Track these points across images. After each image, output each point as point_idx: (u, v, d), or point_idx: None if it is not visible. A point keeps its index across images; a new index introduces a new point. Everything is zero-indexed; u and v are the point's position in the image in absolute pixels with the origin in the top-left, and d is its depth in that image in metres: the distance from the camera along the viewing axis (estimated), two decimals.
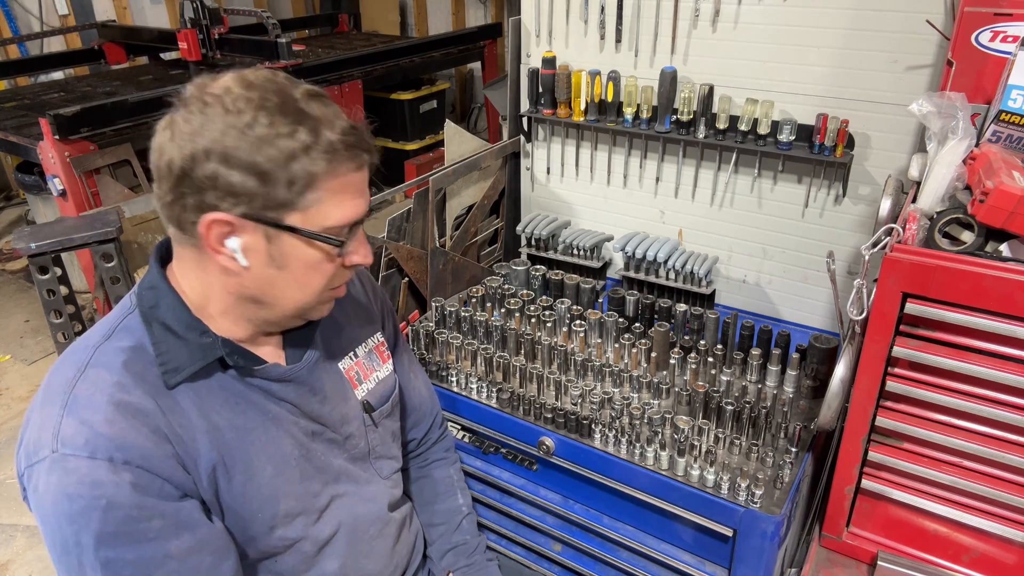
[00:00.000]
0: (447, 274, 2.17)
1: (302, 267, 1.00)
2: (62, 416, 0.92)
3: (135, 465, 0.91)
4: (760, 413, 1.53)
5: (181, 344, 1.01)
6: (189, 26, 4.19)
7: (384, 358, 1.37)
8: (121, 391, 0.94)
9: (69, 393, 0.94)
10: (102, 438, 0.90)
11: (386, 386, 1.36)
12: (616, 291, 1.97)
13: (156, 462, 0.93)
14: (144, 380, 0.97)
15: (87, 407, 0.92)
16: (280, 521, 1.10)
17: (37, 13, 5.62)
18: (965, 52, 1.37)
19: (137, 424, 0.93)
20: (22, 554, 2.58)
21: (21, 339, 3.93)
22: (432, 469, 1.54)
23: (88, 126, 3.16)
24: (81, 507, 0.88)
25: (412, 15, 6.84)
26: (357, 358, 1.30)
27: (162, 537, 0.93)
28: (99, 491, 0.88)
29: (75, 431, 0.90)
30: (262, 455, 1.08)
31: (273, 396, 1.11)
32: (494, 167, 2.37)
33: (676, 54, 1.99)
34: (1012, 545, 1.28)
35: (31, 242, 2.53)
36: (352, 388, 1.27)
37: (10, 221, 5.50)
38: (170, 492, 0.95)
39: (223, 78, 0.96)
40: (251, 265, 0.98)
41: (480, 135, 3.63)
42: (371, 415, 1.29)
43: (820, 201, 1.92)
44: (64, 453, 0.89)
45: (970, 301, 1.12)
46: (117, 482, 0.89)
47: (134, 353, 0.99)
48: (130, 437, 0.92)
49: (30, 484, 0.93)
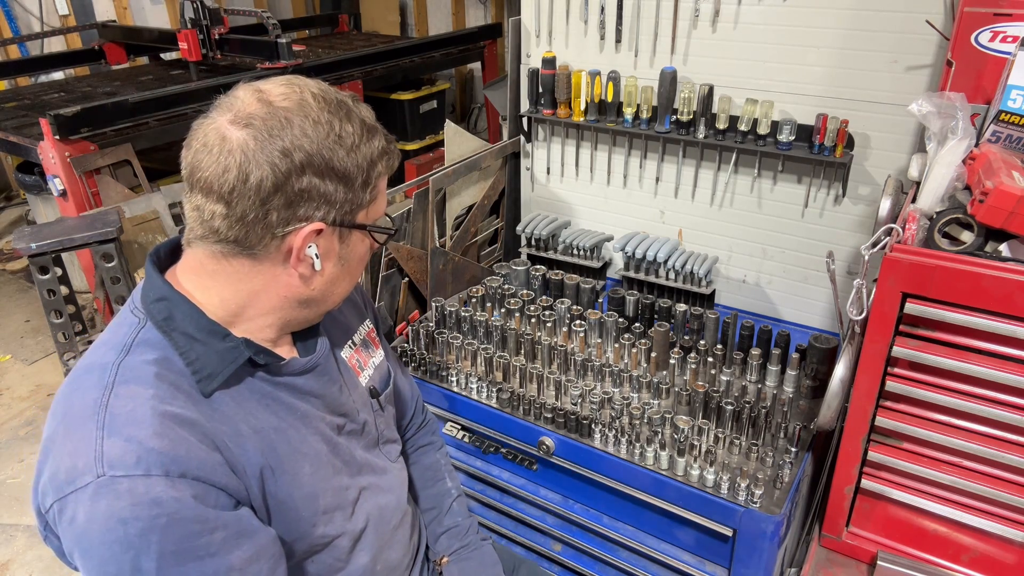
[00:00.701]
0: (447, 274, 2.17)
1: (357, 261, 1.08)
2: (102, 438, 0.85)
3: (192, 477, 0.87)
4: (760, 413, 1.53)
5: (208, 350, 0.97)
6: (189, 26, 4.19)
7: (376, 344, 1.39)
8: (163, 402, 0.90)
9: (104, 413, 0.87)
10: (154, 453, 0.85)
11: (383, 371, 1.37)
12: (616, 291, 1.97)
13: (211, 472, 0.90)
14: (179, 390, 0.93)
15: (130, 423, 0.87)
16: (321, 518, 1.10)
17: (37, 13, 5.62)
18: (965, 52, 1.38)
19: (186, 434, 0.89)
20: (22, 554, 2.58)
21: (21, 339, 3.93)
22: (420, 455, 1.55)
23: (88, 126, 3.15)
24: (139, 530, 0.83)
25: (412, 15, 6.84)
26: (355, 346, 1.31)
27: (225, 549, 0.89)
28: (159, 509, 0.83)
29: (123, 450, 0.84)
30: (298, 454, 1.07)
31: (299, 392, 1.10)
32: (494, 167, 2.37)
33: (676, 54, 1.99)
34: (1012, 545, 1.28)
35: (31, 242, 2.53)
36: (356, 376, 1.28)
37: (10, 221, 5.50)
38: (226, 502, 0.92)
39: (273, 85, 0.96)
40: (323, 268, 1.01)
41: (480, 135, 3.63)
42: (378, 399, 1.30)
43: (820, 201, 1.92)
44: (113, 475, 0.83)
45: (970, 301, 1.12)
46: (177, 497, 0.85)
47: (162, 366, 0.94)
48: (182, 448, 0.87)
49: (62, 517, 0.85)
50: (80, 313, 2.82)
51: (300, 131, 0.91)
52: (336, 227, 0.99)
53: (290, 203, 0.92)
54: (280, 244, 0.95)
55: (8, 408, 3.37)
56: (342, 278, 1.08)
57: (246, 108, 0.91)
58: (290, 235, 0.94)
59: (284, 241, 0.95)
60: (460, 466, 1.86)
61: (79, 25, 5.53)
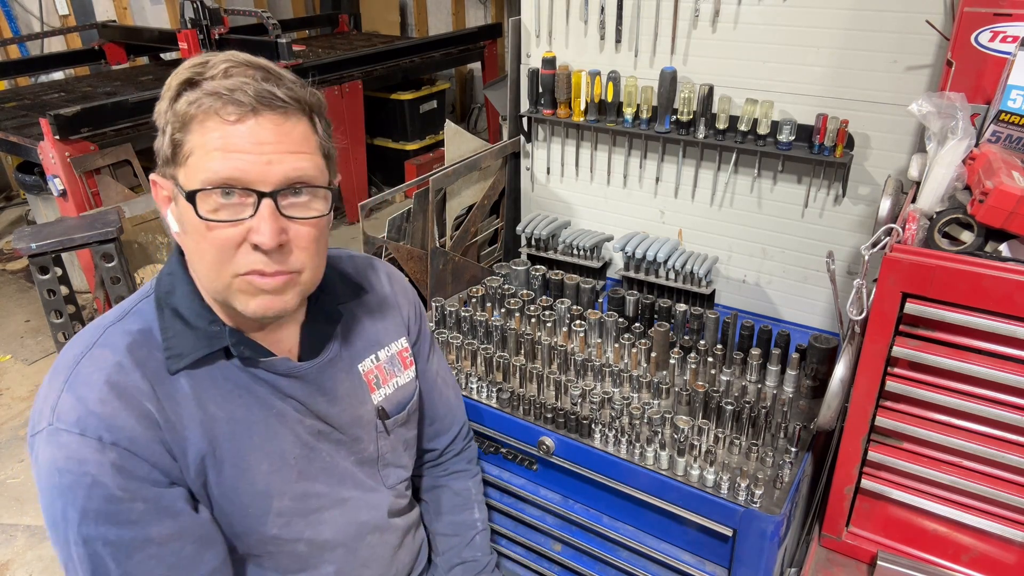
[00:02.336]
0: (447, 274, 2.17)
1: (193, 232, 0.95)
2: (62, 391, 0.94)
3: (122, 447, 0.92)
4: (760, 413, 1.53)
5: (188, 331, 1.01)
6: (189, 26, 4.19)
7: (406, 364, 1.32)
8: (119, 372, 0.95)
9: (73, 369, 0.95)
10: (93, 416, 0.91)
11: (405, 393, 1.31)
12: (616, 291, 1.97)
13: (143, 445, 0.94)
14: (145, 364, 0.98)
15: (85, 385, 0.94)
16: (273, 520, 1.09)
17: (37, 13, 5.62)
18: (965, 52, 1.38)
19: (129, 406, 0.94)
20: (22, 554, 2.58)
21: (21, 339, 3.94)
22: (451, 480, 1.50)
23: (88, 126, 3.16)
24: (69, 482, 0.90)
25: (412, 15, 6.84)
26: (378, 361, 1.26)
27: (144, 521, 0.94)
28: (85, 468, 0.90)
29: (70, 407, 0.92)
30: (259, 451, 1.07)
31: (280, 391, 1.09)
32: (494, 167, 2.37)
33: (676, 54, 1.99)
34: (1012, 545, 1.28)
35: (31, 242, 2.53)
36: (369, 391, 1.24)
37: (10, 221, 5.50)
38: (156, 478, 0.96)
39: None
40: (178, 232, 1.00)
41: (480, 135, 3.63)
42: (384, 422, 1.26)
43: (820, 201, 1.92)
44: (59, 427, 0.91)
45: (970, 301, 1.12)
46: (102, 461, 0.91)
47: (141, 336, 1.00)
48: (120, 418, 0.93)
49: (32, 453, 0.95)
50: (80, 313, 2.83)
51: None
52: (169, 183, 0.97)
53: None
54: None
55: (8, 408, 3.37)
56: (192, 251, 0.99)
57: None
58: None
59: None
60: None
61: (79, 25, 5.54)
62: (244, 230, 0.93)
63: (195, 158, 0.92)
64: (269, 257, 0.95)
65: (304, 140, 0.97)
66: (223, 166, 0.90)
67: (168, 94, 0.94)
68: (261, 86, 0.91)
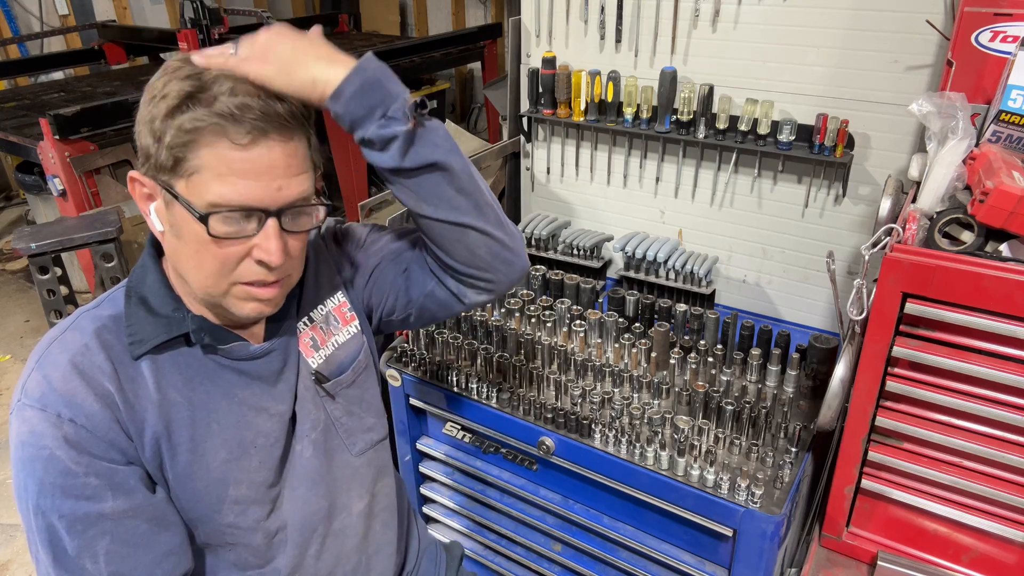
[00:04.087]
0: None
1: (193, 242, 0.97)
2: (32, 370, 0.99)
3: (79, 424, 0.95)
4: (760, 413, 1.53)
5: (150, 318, 1.04)
6: (189, 26, 4.19)
7: (345, 320, 1.24)
8: (83, 354, 0.99)
9: (45, 350, 1.00)
10: (54, 393, 0.96)
11: (347, 351, 1.23)
12: (616, 291, 1.97)
13: (99, 423, 0.97)
14: (110, 348, 1.01)
15: (50, 364, 0.98)
16: (230, 507, 1.09)
17: (37, 13, 5.62)
18: (965, 52, 1.37)
19: (86, 386, 0.97)
20: (22, 554, 2.58)
21: (21, 339, 3.93)
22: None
23: (88, 126, 3.16)
24: (29, 455, 0.95)
25: (412, 15, 6.84)
26: (311, 324, 1.20)
27: (97, 496, 0.96)
28: (43, 441, 0.94)
29: (36, 384, 0.97)
30: (217, 438, 1.07)
31: (246, 377, 1.10)
32: (494, 167, 2.37)
33: (676, 54, 1.99)
34: (1012, 545, 1.28)
35: (31, 242, 2.53)
36: (308, 358, 1.18)
37: (10, 221, 5.50)
38: (112, 456, 0.98)
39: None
40: (164, 231, 1.01)
41: (480, 135, 3.63)
42: (323, 386, 1.20)
43: (820, 201, 1.92)
44: (25, 403, 0.96)
45: (970, 301, 1.12)
46: (58, 436, 0.94)
47: (111, 321, 1.03)
48: (79, 396, 0.96)
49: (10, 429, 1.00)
50: None
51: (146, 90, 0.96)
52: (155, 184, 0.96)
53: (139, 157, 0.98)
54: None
55: (8, 408, 3.37)
56: (185, 255, 0.99)
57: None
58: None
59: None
60: (460, 466, 1.86)
61: (79, 25, 5.54)
62: (246, 246, 0.98)
63: (203, 177, 0.93)
64: (270, 269, 1.00)
65: (305, 159, 1.00)
66: (237, 192, 0.93)
67: (166, 102, 0.91)
68: (267, 104, 0.93)
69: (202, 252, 0.97)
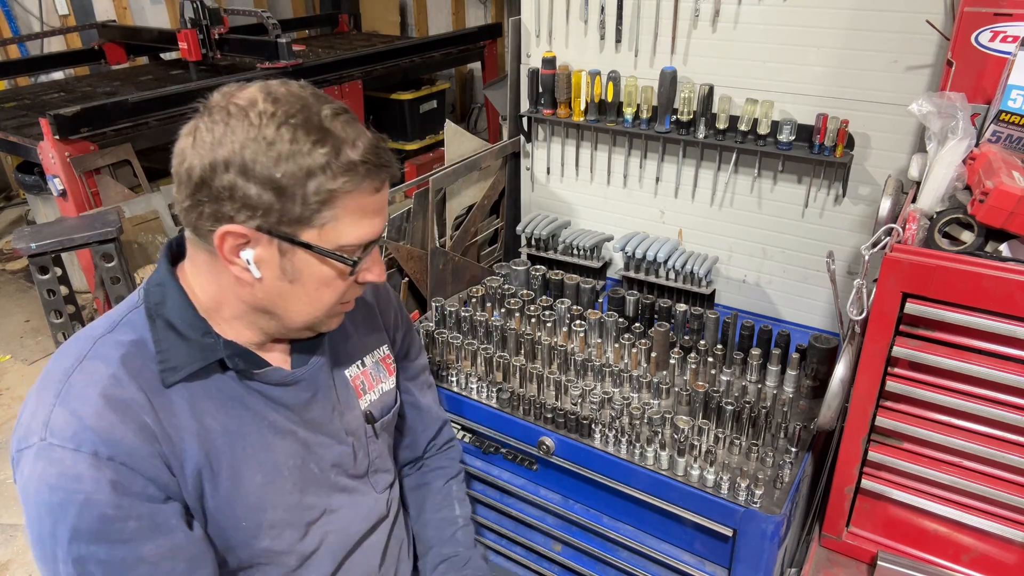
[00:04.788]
0: (447, 274, 2.17)
1: (314, 283, 1.01)
2: (54, 405, 0.92)
3: (119, 462, 0.91)
4: (760, 413, 1.53)
5: (182, 343, 1.00)
6: (189, 26, 4.19)
7: (390, 371, 1.36)
8: (115, 385, 0.94)
9: (64, 383, 0.94)
10: (89, 431, 0.90)
11: (389, 399, 1.35)
12: (616, 291, 1.97)
13: (141, 460, 0.93)
14: (140, 376, 0.97)
15: (79, 399, 0.92)
16: (266, 532, 1.09)
17: (37, 13, 5.62)
18: (965, 52, 1.37)
19: (126, 419, 0.93)
20: (22, 554, 2.58)
21: (21, 339, 3.93)
22: (433, 478, 1.51)
23: (88, 126, 3.15)
24: (60, 499, 0.88)
25: (412, 15, 6.84)
26: (364, 367, 1.28)
27: (137, 539, 0.92)
28: (79, 486, 0.88)
29: (64, 422, 0.90)
30: (252, 462, 1.06)
31: (273, 402, 1.09)
32: (494, 167, 2.37)
33: (676, 54, 1.99)
34: (1012, 545, 1.28)
35: (31, 242, 2.52)
36: (357, 397, 1.25)
37: (10, 221, 5.50)
38: (152, 493, 0.94)
39: (250, 88, 0.95)
40: (264, 277, 0.98)
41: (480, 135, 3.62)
42: (373, 426, 1.27)
43: (820, 201, 1.92)
44: (51, 443, 0.90)
45: (970, 301, 1.12)
46: (97, 478, 0.89)
47: (134, 348, 0.98)
48: (117, 432, 0.91)
49: (18, 468, 0.93)
50: (80, 313, 2.82)
51: (233, 129, 0.91)
52: (271, 237, 0.95)
53: (216, 198, 0.92)
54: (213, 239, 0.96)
55: (8, 408, 3.37)
56: (295, 296, 1.02)
57: (213, 103, 0.95)
58: (217, 231, 0.94)
59: (213, 236, 0.95)
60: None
61: (79, 25, 5.53)
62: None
63: (340, 224, 0.97)
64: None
65: None
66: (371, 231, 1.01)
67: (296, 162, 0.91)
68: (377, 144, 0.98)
69: (323, 290, 1.02)
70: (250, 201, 0.92)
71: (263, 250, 0.96)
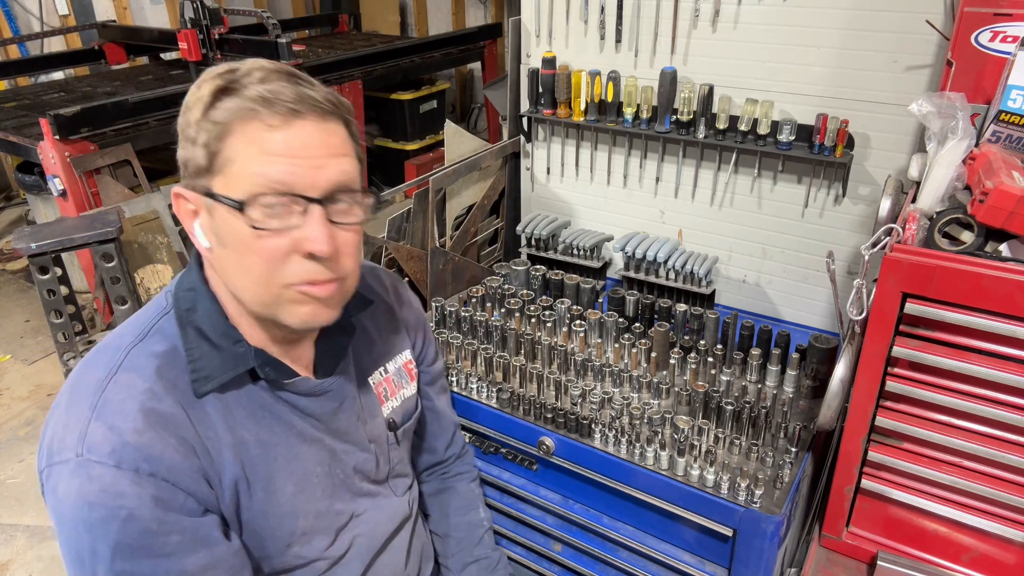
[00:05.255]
0: (447, 274, 2.17)
1: (238, 244, 0.91)
2: (90, 419, 0.89)
3: (160, 478, 0.89)
4: (760, 413, 1.53)
5: (215, 352, 0.98)
6: (189, 26, 4.19)
7: (412, 376, 1.34)
8: (152, 399, 0.92)
9: (99, 396, 0.91)
10: (129, 447, 0.87)
11: (410, 405, 1.33)
12: (616, 291, 1.97)
13: (182, 475, 0.91)
14: (176, 388, 0.95)
15: (117, 413, 0.89)
16: (298, 539, 1.08)
17: (37, 13, 5.62)
18: (965, 52, 1.37)
19: (166, 435, 0.91)
20: (22, 554, 2.58)
21: (21, 339, 3.93)
22: (456, 482, 1.52)
23: (88, 126, 3.15)
24: (101, 516, 0.86)
25: (412, 15, 6.84)
26: (387, 374, 1.27)
27: (179, 553, 0.91)
28: (121, 502, 0.86)
29: (103, 438, 0.88)
30: (284, 471, 1.05)
31: (300, 410, 1.08)
32: (494, 167, 2.37)
33: (676, 54, 1.99)
34: (1012, 545, 1.28)
35: (31, 242, 2.52)
36: (380, 405, 1.24)
37: (10, 221, 5.50)
38: (192, 507, 0.93)
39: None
40: (211, 247, 0.95)
41: (480, 135, 3.63)
42: (395, 433, 1.27)
43: (820, 201, 1.92)
44: (89, 459, 0.87)
45: (970, 301, 1.12)
46: (140, 494, 0.87)
47: (167, 358, 0.96)
48: (157, 448, 0.89)
49: (48, 483, 0.90)
50: (80, 313, 2.82)
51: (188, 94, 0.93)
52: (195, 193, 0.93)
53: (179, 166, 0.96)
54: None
55: (8, 408, 3.37)
56: (232, 264, 0.94)
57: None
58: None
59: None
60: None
61: (79, 25, 5.53)
62: (291, 240, 0.90)
63: (238, 166, 0.88)
64: (322, 265, 0.93)
65: (344, 143, 0.95)
66: (272, 171, 0.87)
67: (199, 104, 0.89)
68: (300, 90, 0.89)
69: (247, 253, 0.90)
70: (182, 161, 0.93)
71: (204, 215, 0.94)
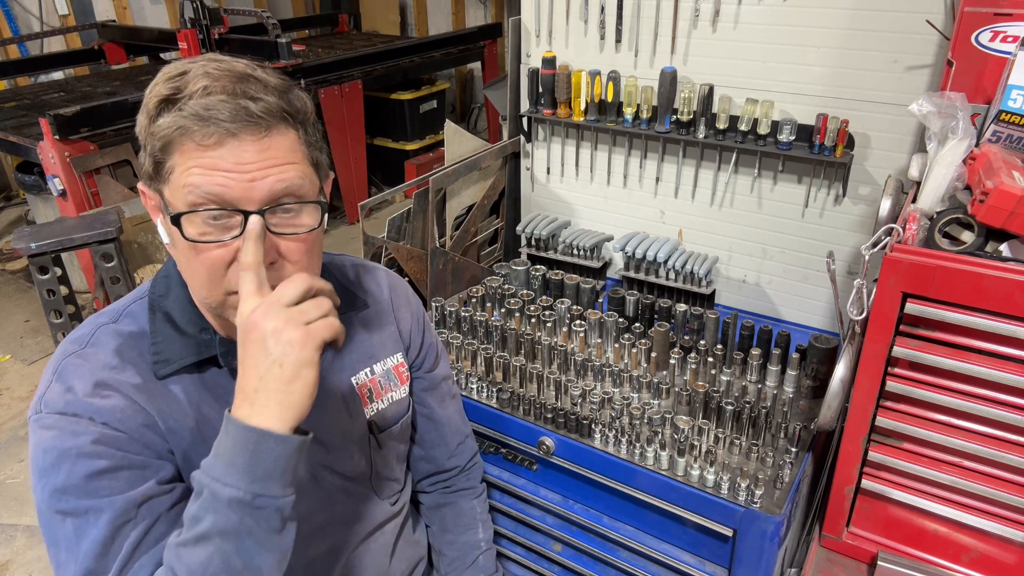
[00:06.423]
0: (447, 274, 2.17)
1: (184, 248, 0.93)
2: (51, 382, 0.96)
3: (112, 427, 0.93)
4: (760, 413, 1.53)
5: (178, 337, 1.01)
6: (189, 26, 4.19)
7: (403, 380, 1.31)
8: (108, 371, 0.97)
9: (63, 364, 0.98)
10: (80, 403, 0.93)
11: (399, 408, 1.31)
12: (616, 291, 1.97)
13: (132, 425, 0.95)
14: (135, 365, 0.99)
15: (73, 377, 0.96)
16: None
17: (37, 13, 5.62)
18: (965, 52, 1.37)
19: (116, 396, 0.96)
20: (22, 554, 2.58)
21: (21, 339, 3.93)
22: (458, 498, 1.48)
23: (88, 126, 3.16)
24: (53, 459, 0.91)
25: (412, 15, 6.84)
26: (374, 375, 1.25)
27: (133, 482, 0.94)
28: (71, 442, 0.91)
29: (57, 395, 0.94)
30: None
31: None
32: (494, 167, 2.37)
33: (676, 54, 1.99)
34: (1012, 545, 1.28)
35: (31, 242, 2.53)
36: (363, 405, 1.22)
37: (10, 221, 5.50)
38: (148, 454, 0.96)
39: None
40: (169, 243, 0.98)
41: (480, 135, 3.63)
42: (377, 436, 1.25)
43: (820, 201, 1.92)
44: (45, 413, 0.94)
45: (970, 301, 1.12)
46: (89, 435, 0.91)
47: (131, 339, 1.01)
48: (108, 404, 0.94)
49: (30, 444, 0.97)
50: (80, 313, 2.83)
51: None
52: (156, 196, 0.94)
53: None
54: None
55: (8, 408, 3.37)
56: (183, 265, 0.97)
57: None
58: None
59: None
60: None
61: (79, 25, 5.54)
62: (233, 250, 0.91)
63: (177, 178, 0.90)
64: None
65: (289, 152, 0.93)
66: (204, 183, 0.88)
67: (146, 112, 0.91)
68: (238, 103, 0.88)
69: (191, 260, 0.93)
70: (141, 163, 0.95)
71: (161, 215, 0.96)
